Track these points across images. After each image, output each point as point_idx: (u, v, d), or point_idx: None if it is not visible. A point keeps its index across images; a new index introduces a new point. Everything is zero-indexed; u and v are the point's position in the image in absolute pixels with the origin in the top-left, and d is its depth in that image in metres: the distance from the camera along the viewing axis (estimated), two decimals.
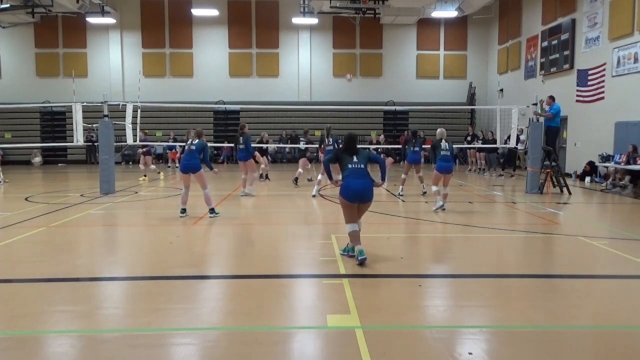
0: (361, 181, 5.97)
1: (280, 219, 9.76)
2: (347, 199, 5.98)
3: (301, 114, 25.55)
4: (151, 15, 26.04)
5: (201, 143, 9.43)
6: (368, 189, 5.99)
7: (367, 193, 5.99)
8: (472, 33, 26.68)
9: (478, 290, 5.25)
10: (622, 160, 13.92)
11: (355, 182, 5.96)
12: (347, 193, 5.97)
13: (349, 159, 6.12)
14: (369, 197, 6.03)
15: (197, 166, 9.26)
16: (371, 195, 6.04)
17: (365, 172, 6.08)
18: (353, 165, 6.07)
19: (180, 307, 4.63)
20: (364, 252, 5.91)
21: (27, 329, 4.14)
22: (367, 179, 6.03)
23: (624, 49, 15.22)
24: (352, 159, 6.12)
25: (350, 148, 6.22)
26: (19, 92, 25.05)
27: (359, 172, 6.04)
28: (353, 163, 6.08)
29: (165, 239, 7.56)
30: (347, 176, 6.03)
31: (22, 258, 6.50)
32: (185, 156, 9.37)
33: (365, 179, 6.01)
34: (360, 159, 6.14)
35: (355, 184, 5.95)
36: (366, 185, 5.98)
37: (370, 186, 6.02)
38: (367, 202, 6.08)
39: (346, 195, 5.98)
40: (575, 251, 7.09)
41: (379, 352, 3.64)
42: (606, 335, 4.12)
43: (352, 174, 6.02)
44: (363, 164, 6.11)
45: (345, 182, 6.02)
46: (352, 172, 6.03)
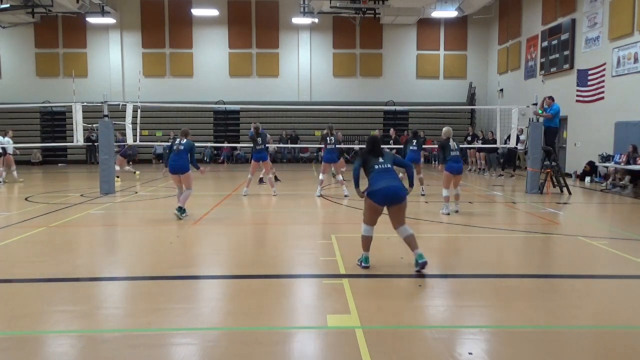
0: (389, 182, 5.58)
1: (280, 219, 9.76)
2: (375, 201, 5.59)
3: (301, 114, 25.56)
4: (151, 15, 26.04)
5: (189, 143, 9.24)
6: (398, 189, 5.57)
7: (397, 194, 5.56)
8: (472, 33, 26.68)
9: (478, 290, 5.25)
10: (622, 160, 13.92)
11: (383, 182, 5.57)
12: (374, 195, 5.58)
13: (375, 161, 5.77)
14: (400, 199, 5.58)
15: (185, 167, 9.11)
16: (402, 196, 5.60)
17: (393, 173, 5.73)
18: (379, 166, 5.71)
19: (180, 307, 4.63)
20: (369, 260, 5.74)
21: (27, 329, 4.14)
22: (395, 180, 5.66)
23: (624, 49, 15.22)
24: (378, 159, 5.77)
25: (374, 150, 5.87)
26: (19, 92, 25.06)
27: (387, 172, 5.67)
28: (379, 164, 5.73)
29: (165, 239, 7.55)
30: (373, 177, 5.66)
31: (22, 258, 6.50)
32: (173, 157, 9.13)
33: (393, 179, 5.64)
34: (386, 159, 5.80)
35: (384, 186, 5.54)
36: (395, 185, 5.57)
37: (400, 187, 5.62)
38: (399, 204, 5.62)
39: (374, 197, 5.59)
40: (575, 251, 7.09)
41: (379, 352, 3.64)
42: (606, 335, 4.12)
43: (379, 174, 5.65)
44: (389, 164, 5.77)
45: (372, 183, 5.64)
46: (379, 172, 5.67)
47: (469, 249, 7.17)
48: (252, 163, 12.38)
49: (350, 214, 10.08)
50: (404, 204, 5.65)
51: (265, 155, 12.21)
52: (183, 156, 9.11)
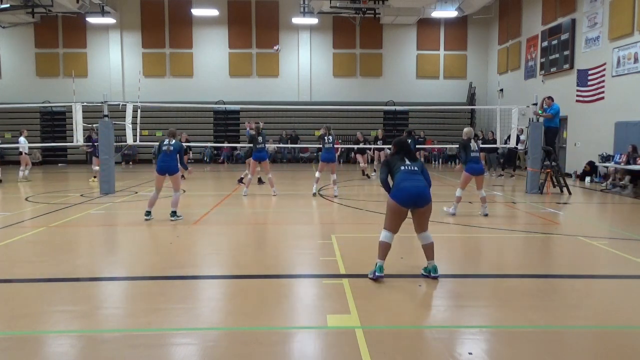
0: (415, 183, 5.39)
1: (280, 219, 9.76)
2: (400, 202, 5.35)
3: (301, 114, 25.56)
4: (151, 15, 26.04)
5: (178, 143, 9.20)
6: (423, 191, 5.37)
7: (423, 196, 5.36)
8: (472, 33, 26.67)
9: (478, 290, 5.25)
10: (622, 160, 13.92)
11: (409, 183, 5.38)
12: (399, 196, 5.35)
13: (401, 162, 5.58)
14: (425, 201, 5.38)
15: (175, 168, 9.05)
16: (428, 199, 5.40)
17: (419, 175, 5.51)
18: (406, 168, 5.52)
19: (180, 307, 4.63)
20: (383, 269, 5.34)
21: (27, 329, 4.14)
22: (422, 181, 5.48)
23: (624, 49, 15.22)
24: (405, 161, 5.58)
25: (401, 152, 5.70)
26: (19, 92, 25.05)
27: (413, 174, 5.48)
28: (406, 165, 5.53)
29: (165, 239, 7.55)
30: (398, 177, 5.47)
31: (22, 258, 6.50)
32: (163, 157, 9.03)
33: (420, 181, 5.46)
34: (414, 163, 5.62)
35: (409, 186, 5.35)
36: (421, 187, 5.39)
37: (426, 189, 5.44)
38: (424, 207, 5.40)
39: (398, 198, 5.35)
40: (575, 251, 7.09)
41: (379, 352, 3.63)
42: (606, 335, 4.12)
43: (404, 175, 5.46)
44: (417, 167, 5.57)
45: (397, 185, 5.43)
46: (405, 173, 5.48)
47: (469, 249, 7.17)
48: (252, 162, 12.38)
49: (350, 214, 10.09)
50: (428, 207, 5.44)
51: (265, 155, 12.23)
52: (173, 157, 9.05)
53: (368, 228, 8.73)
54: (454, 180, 17.24)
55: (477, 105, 25.76)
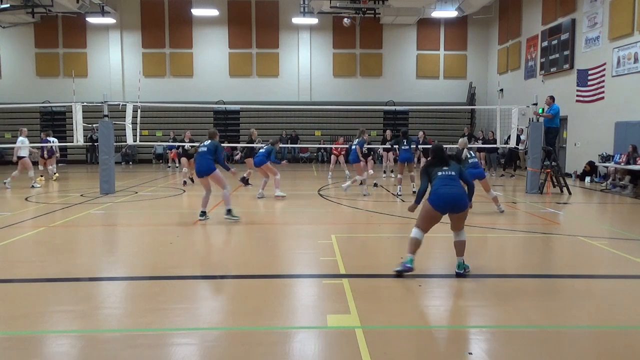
0: (453, 190, 5.48)
1: (280, 219, 9.76)
2: (436, 207, 5.46)
3: (301, 114, 25.56)
4: (151, 15, 26.04)
5: (213, 144, 9.04)
6: (460, 197, 5.48)
7: (460, 202, 5.47)
8: (472, 33, 26.67)
9: (478, 290, 5.25)
10: (622, 160, 13.92)
11: (446, 190, 5.46)
12: (436, 201, 5.46)
13: (438, 168, 5.65)
14: (462, 207, 5.49)
15: (209, 168, 8.88)
16: (464, 205, 5.50)
17: (457, 181, 5.60)
18: (443, 173, 5.60)
19: (180, 307, 4.63)
20: (412, 262, 5.45)
21: (27, 329, 4.13)
22: (459, 187, 5.56)
23: (624, 49, 15.22)
24: (442, 167, 5.65)
25: (438, 159, 5.75)
26: (19, 92, 25.06)
27: (451, 179, 5.56)
28: (443, 171, 5.61)
29: (165, 239, 7.55)
30: (436, 184, 5.56)
31: (22, 258, 6.50)
32: (198, 158, 9.01)
33: (457, 187, 5.53)
34: (452, 168, 5.67)
35: (446, 192, 5.45)
36: (459, 193, 5.49)
37: (463, 195, 5.54)
38: (460, 212, 5.52)
39: (435, 203, 5.46)
40: (575, 251, 7.09)
41: (379, 352, 3.63)
42: (606, 335, 4.12)
43: (442, 180, 5.55)
44: (454, 172, 5.63)
45: (434, 191, 5.53)
46: (443, 178, 5.56)
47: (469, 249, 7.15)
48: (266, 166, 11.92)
49: (350, 214, 10.08)
50: (464, 213, 5.55)
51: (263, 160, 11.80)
52: (206, 157, 8.91)
53: (368, 228, 8.74)
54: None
55: (477, 105, 25.76)
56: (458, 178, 5.62)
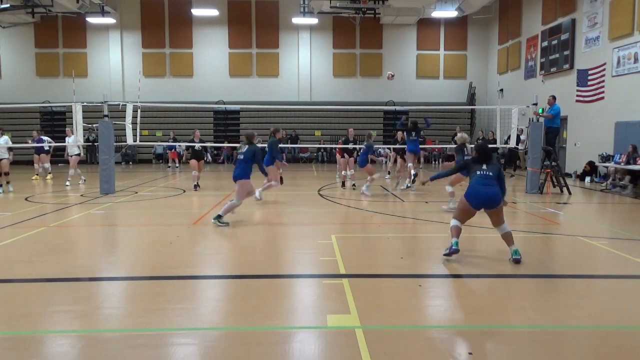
0: (488, 188, 6.03)
1: (280, 219, 9.75)
2: (471, 203, 6.06)
3: (301, 114, 25.57)
4: (151, 15, 26.05)
5: (250, 149, 8.72)
6: (495, 196, 6.01)
7: (493, 200, 6.01)
8: (472, 33, 26.68)
9: (478, 290, 5.25)
10: (622, 160, 13.92)
11: (482, 188, 6.04)
12: (472, 198, 6.05)
13: (478, 167, 6.21)
14: (495, 204, 6.04)
15: (239, 175, 8.63)
16: (497, 202, 6.04)
17: (493, 181, 6.11)
18: (482, 172, 6.15)
19: (180, 307, 4.63)
20: (457, 244, 6.06)
21: (27, 329, 4.13)
22: (494, 187, 6.07)
23: (624, 49, 15.22)
24: (482, 166, 6.20)
25: (482, 157, 6.28)
26: (19, 92, 25.07)
27: (487, 179, 6.10)
28: (482, 170, 6.17)
29: (165, 239, 7.55)
30: (474, 182, 6.13)
31: (22, 258, 6.49)
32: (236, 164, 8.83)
33: (493, 186, 6.06)
34: (490, 168, 6.19)
35: (482, 190, 6.02)
36: (493, 192, 6.02)
37: (497, 194, 6.04)
38: (493, 209, 6.07)
39: (471, 200, 6.06)
40: (575, 251, 7.08)
41: (379, 352, 3.63)
42: (606, 335, 4.12)
43: (479, 180, 6.11)
44: (492, 172, 6.16)
45: (471, 188, 6.11)
46: (480, 178, 6.11)
47: (468, 249, 7.16)
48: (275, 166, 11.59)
49: (350, 214, 10.08)
50: (498, 208, 6.06)
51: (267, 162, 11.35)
52: (241, 165, 8.69)
53: (368, 228, 8.74)
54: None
55: (477, 105, 25.77)
56: (495, 178, 6.12)
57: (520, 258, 6.07)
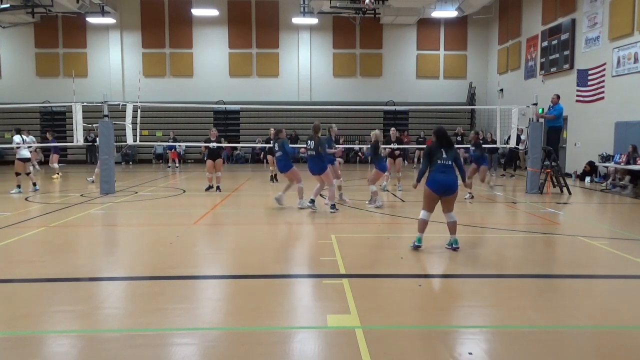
0: (447, 175, 6.54)
1: (280, 219, 9.75)
2: (433, 189, 6.54)
3: (301, 114, 25.56)
4: (151, 15, 26.05)
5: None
6: (453, 184, 6.56)
7: (452, 187, 6.55)
8: (472, 33, 26.68)
9: (478, 290, 5.25)
10: (622, 160, 13.93)
11: (442, 175, 6.53)
12: (433, 185, 6.54)
13: (440, 155, 6.64)
14: (452, 190, 6.58)
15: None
16: (455, 188, 6.60)
17: (452, 168, 6.64)
18: (442, 161, 6.61)
19: (180, 307, 4.63)
20: (421, 241, 6.66)
21: (27, 329, 4.13)
22: (453, 174, 6.62)
23: (624, 49, 15.22)
24: (442, 154, 6.63)
25: (442, 141, 6.72)
26: (19, 92, 25.07)
27: (446, 167, 6.59)
28: (442, 159, 6.62)
29: (165, 239, 7.55)
30: (434, 170, 6.60)
31: (22, 258, 6.50)
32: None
33: (451, 174, 6.60)
34: (449, 155, 6.66)
35: (442, 177, 6.52)
36: (451, 180, 6.55)
37: (455, 180, 6.61)
38: (450, 195, 6.59)
39: (432, 187, 6.55)
40: (575, 251, 7.09)
41: (379, 352, 3.63)
42: (606, 335, 4.12)
43: (439, 168, 6.57)
44: (451, 161, 6.65)
45: (432, 175, 6.59)
46: (440, 166, 6.58)
47: (469, 249, 7.16)
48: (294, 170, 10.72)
49: (350, 214, 10.08)
50: (454, 195, 6.64)
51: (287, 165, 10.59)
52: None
53: (368, 228, 8.73)
54: None
55: (477, 105, 25.77)
56: (452, 165, 6.65)
57: (458, 247, 6.65)
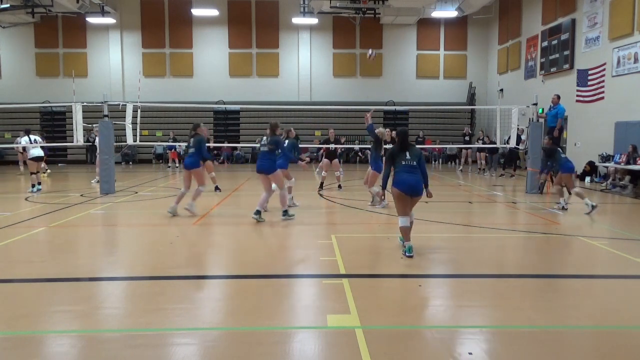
0: (413, 176, 6.44)
1: (280, 219, 9.74)
2: (402, 190, 6.42)
3: (301, 114, 25.56)
4: (151, 15, 26.05)
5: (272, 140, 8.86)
6: (419, 184, 6.46)
7: (418, 187, 6.46)
8: (472, 33, 26.68)
9: (478, 290, 5.25)
10: (622, 160, 13.93)
11: (408, 176, 6.43)
12: (400, 185, 6.42)
13: (403, 156, 6.54)
14: (419, 192, 6.49)
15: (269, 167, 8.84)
16: (421, 190, 6.51)
17: (417, 170, 6.52)
18: (406, 162, 6.52)
19: (180, 307, 4.63)
20: (412, 250, 6.34)
21: (27, 329, 4.13)
22: (418, 175, 6.49)
23: (624, 49, 15.23)
24: (406, 155, 6.53)
25: (404, 142, 6.66)
26: (19, 92, 25.07)
27: (412, 168, 6.49)
28: (406, 160, 6.52)
29: (165, 239, 7.55)
30: (399, 171, 6.49)
31: (22, 258, 6.49)
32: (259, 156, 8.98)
33: (417, 175, 6.47)
34: (412, 156, 6.54)
35: (408, 178, 6.41)
36: (417, 180, 6.45)
37: (421, 182, 6.49)
38: (417, 197, 6.50)
39: (401, 187, 6.42)
40: (575, 251, 7.09)
41: (379, 352, 3.63)
42: (606, 335, 4.12)
43: (404, 169, 6.48)
44: (415, 162, 6.52)
45: (398, 176, 6.48)
46: (405, 167, 6.48)
47: (469, 249, 7.17)
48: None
49: (350, 214, 10.08)
50: (419, 197, 6.55)
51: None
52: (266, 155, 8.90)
53: (368, 228, 8.73)
54: (454, 180, 17.25)
55: (477, 105, 25.77)
56: (417, 166, 6.52)
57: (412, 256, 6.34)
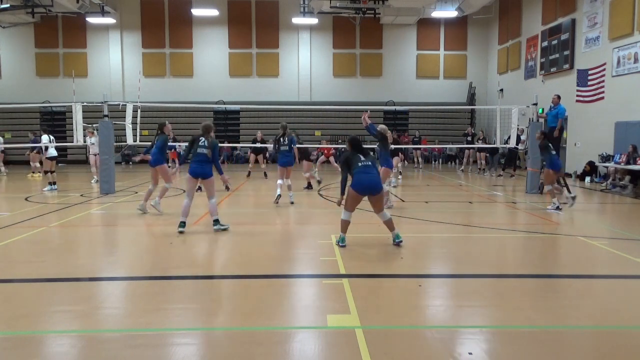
0: (370, 176, 6.63)
1: (280, 219, 9.75)
2: (358, 191, 6.63)
3: (301, 114, 25.56)
4: (151, 15, 26.05)
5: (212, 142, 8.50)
6: (377, 182, 6.66)
7: (376, 185, 6.65)
8: (472, 33, 26.68)
9: (478, 290, 5.25)
10: (622, 160, 13.93)
11: (365, 176, 6.61)
12: (358, 187, 6.61)
13: (358, 158, 6.75)
14: (378, 190, 6.67)
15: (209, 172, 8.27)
16: (380, 188, 6.70)
17: (373, 169, 6.74)
18: (362, 164, 6.71)
19: (180, 307, 4.63)
20: (345, 240, 6.83)
21: (27, 329, 4.13)
22: (375, 174, 6.71)
23: (624, 49, 15.23)
24: (360, 158, 6.75)
25: (355, 149, 6.86)
26: (19, 92, 25.07)
27: (368, 168, 6.69)
28: (362, 161, 6.72)
29: (165, 239, 7.55)
30: (357, 172, 6.66)
31: (22, 258, 6.50)
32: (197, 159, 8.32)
33: (374, 174, 6.69)
34: (368, 157, 6.78)
35: (365, 179, 6.60)
36: (375, 179, 6.64)
37: (379, 180, 6.72)
38: (377, 194, 6.68)
39: (356, 188, 6.62)
40: (575, 251, 7.09)
41: (379, 352, 3.63)
42: (606, 335, 4.12)
43: (362, 169, 6.66)
44: (370, 162, 6.76)
45: (355, 177, 6.65)
46: (362, 167, 6.67)
47: (469, 249, 7.17)
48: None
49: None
50: (380, 195, 6.74)
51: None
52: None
53: (368, 228, 8.73)
54: (454, 180, 17.25)
55: (477, 105, 25.77)
56: (373, 166, 6.77)
57: (401, 241, 6.80)
